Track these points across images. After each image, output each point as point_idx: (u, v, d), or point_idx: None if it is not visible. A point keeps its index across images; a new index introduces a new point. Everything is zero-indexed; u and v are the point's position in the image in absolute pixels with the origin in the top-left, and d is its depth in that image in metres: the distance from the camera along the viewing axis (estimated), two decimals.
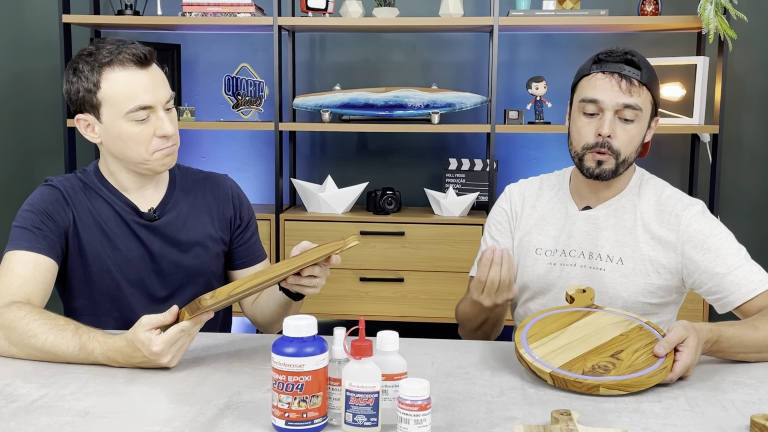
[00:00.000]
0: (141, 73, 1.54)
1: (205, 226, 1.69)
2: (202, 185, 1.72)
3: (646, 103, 1.59)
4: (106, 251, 1.60)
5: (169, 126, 1.56)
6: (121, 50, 1.53)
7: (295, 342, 1.09)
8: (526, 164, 3.35)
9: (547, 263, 1.68)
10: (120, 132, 1.54)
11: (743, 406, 1.24)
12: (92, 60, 1.53)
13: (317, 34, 3.37)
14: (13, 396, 1.25)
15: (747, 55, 3.21)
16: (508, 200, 1.79)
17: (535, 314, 1.46)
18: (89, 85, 1.53)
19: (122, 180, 1.63)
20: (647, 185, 1.68)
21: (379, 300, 3.02)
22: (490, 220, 1.81)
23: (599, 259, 1.64)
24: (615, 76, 1.57)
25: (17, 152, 3.48)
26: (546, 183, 1.78)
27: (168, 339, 1.30)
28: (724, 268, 1.56)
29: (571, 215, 1.69)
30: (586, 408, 1.22)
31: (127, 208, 1.62)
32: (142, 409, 1.20)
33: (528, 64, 3.30)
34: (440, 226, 2.99)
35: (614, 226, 1.65)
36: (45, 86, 3.42)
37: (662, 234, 1.62)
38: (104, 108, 1.54)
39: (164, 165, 1.59)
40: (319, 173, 3.40)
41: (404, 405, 1.07)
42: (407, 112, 3.04)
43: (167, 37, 3.36)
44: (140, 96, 1.53)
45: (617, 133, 1.58)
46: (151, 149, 1.56)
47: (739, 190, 3.28)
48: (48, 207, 1.57)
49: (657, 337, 1.37)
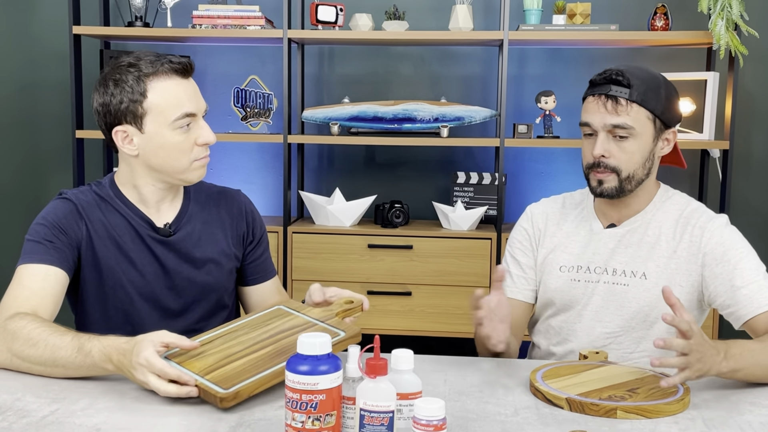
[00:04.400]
0: (184, 83, 1.56)
1: (218, 242, 1.68)
2: (216, 201, 1.72)
3: (640, 120, 1.58)
4: (120, 266, 1.59)
5: (210, 134, 1.58)
6: (162, 61, 1.54)
7: (309, 360, 1.08)
8: (534, 178, 3.34)
9: (570, 279, 1.69)
10: (164, 141, 1.54)
11: (761, 428, 1.22)
12: (136, 71, 1.53)
13: (326, 46, 3.37)
14: (23, 411, 1.24)
15: (757, 70, 3.20)
16: (529, 220, 1.79)
17: (547, 363, 1.49)
18: (135, 95, 1.53)
19: (144, 193, 1.61)
20: (671, 201, 1.69)
21: (386, 314, 3.00)
22: (512, 241, 1.81)
23: (623, 275, 1.65)
24: (602, 98, 1.59)
25: (26, 163, 3.48)
26: (569, 201, 1.79)
27: (157, 365, 1.26)
28: (740, 282, 1.56)
29: (596, 233, 1.70)
30: (602, 429, 1.21)
31: (143, 223, 1.62)
32: (153, 426, 1.19)
33: (537, 79, 3.30)
34: (448, 239, 2.98)
35: (638, 242, 1.66)
36: (55, 97, 3.42)
37: (685, 246, 1.62)
38: (149, 117, 1.54)
39: (200, 175, 1.61)
40: (327, 186, 3.40)
41: (419, 425, 1.06)
42: (416, 125, 3.04)
43: (177, 49, 3.37)
44: (185, 104, 1.54)
45: (613, 152, 1.60)
46: (191, 158, 1.57)
47: (749, 205, 3.26)
48: (61, 220, 1.57)
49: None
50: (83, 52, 3.17)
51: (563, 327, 1.70)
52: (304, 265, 3.01)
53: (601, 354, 1.50)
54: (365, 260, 2.97)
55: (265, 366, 1.31)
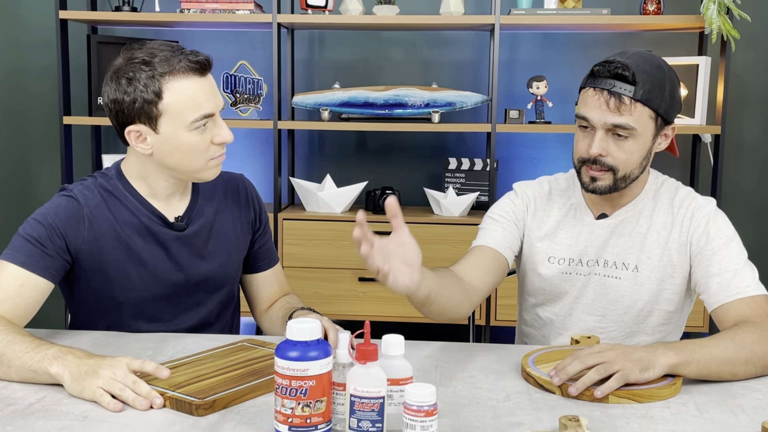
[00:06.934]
0: (202, 82, 1.47)
1: (228, 233, 1.64)
2: (222, 188, 1.67)
3: (643, 120, 1.49)
4: (130, 267, 1.54)
5: (228, 133, 1.51)
6: (179, 57, 1.45)
7: (298, 346, 1.07)
8: (526, 164, 3.33)
9: (560, 272, 1.64)
10: (180, 143, 1.47)
11: (753, 412, 1.22)
12: (149, 69, 1.44)
13: (316, 31, 3.34)
14: (9, 399, 1.23)
15: (750, 55, 3.19)
16: (520, 197, 1.69)
17: (539, 348, 1.46)
18: (149, 95, 1.44)
19: (156, 187, 1.55)
20: (662, 188, 1.64)
21: (377, 300, 2.99)
22: (495, 209, 1.69)
23: (614, 267, 1.61)
24: (604, 94, 1.48)
25: (13, 151, 3.45)
26: (555, 187, 1.70)
27: (124, 378, 1.21)
28: (716, 269, 1.52)
29: (587, 224, 1.64)
30: (594, 414, 1.20)
31: (155, 218, 1.55)
32: (141, 414, 1.18)
33: (529, 64, 3.28)
34: (440, 226, 2.97)
35: (630, 233, 1.61)
36: (41, 84, 3.38)
37: (676, 237, 1.59)
38: (164, 119, 1.45)
39: (214, 174, 1.54)
40: (318, 172, 3.38)
41: (410, 411, 1.05)
42: (407, 110, 3.02)
43: (165, 34, 3.33)
44: (203, 105, 1.46)
45: (611, 150, 1.51)
46: (208, 157, 1.50)
47: (740, 191, 3.26)
48: (60, 222, 1.49)
49: None
50: (70, 37, 3.13)
51: (554, 320, 1.67)
52: (295, 252, 3.00)
53: (593, 339, 1.49)
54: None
55: (240, 382, 1.27)
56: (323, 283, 2.99)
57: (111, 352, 1.43)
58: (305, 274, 2.99)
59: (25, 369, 1.28)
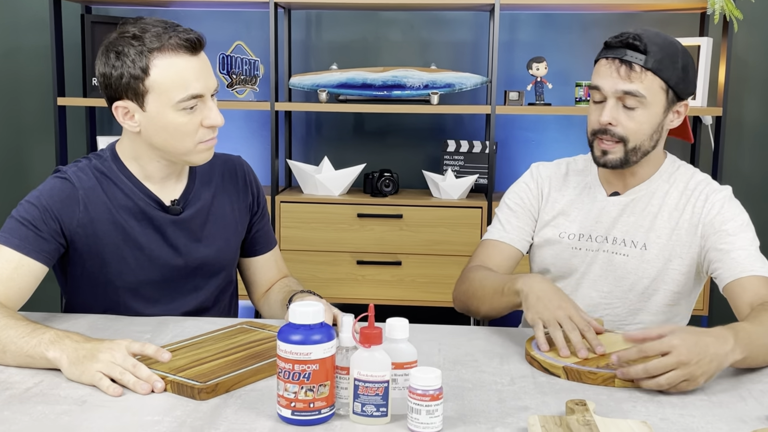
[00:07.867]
0: (192, 60, 1.43)
1: (226, 216, 1.62)
2: (219, 170, 1.64)
3: (653, 89, 1.52)
4: (126, 251, 1.51)
5: (217, 116, 1.47)
6: (170, 34, 1.41)
7: (301, 329, 1.05)
8: (525, 146, 3.30)
9: (571, 248, 1.66)
10: (166, 122, 1.44)
11: (761, 396, 1.21)
12: (139, 44, 1.41)
13: (314, 11, 3.30)
14: (6, 384, 1.21)
15: (752, 36, 3.16)
16: (534, 180, 1.74)
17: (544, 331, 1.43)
18: (136, 71, 1.41)
19: (149, 169, 1.52)
20: (678, 172, 1.65)
21: (376, 283, 2.98)
22: (511, 194, 1.74)
23: (623, 244, 1.62)
24: (616, 62, 1.52)
25: (6, 133, 3.40)
26: (572, 167, 1.73)
27: (124, 361, 1.19)
28: (730, 246, 1.52)
29: (600, 201, 1.66)
30: (600, 397, 1.19)
31: (150, 202, 1.53)
32: (140, 398, 1.16)
33: (529, 45, 3.24)
34: (439, 208, 2.95)
35: (641, 211, 1.62)
36: (34, 64, 3.34)
37: (687, 218, 1.59)
38: (151, 96, 1.43)
39: (205, 158, 1.51)
40: (315, 154, 3.35)
41: (415, 395, 1.03)
42: (406, 92, 2.99)
43: (160, 13, 3.29)
44: (192, 84, 1.42)
45: (621, 120, 1.54)
46: (196, 140, 1.47)
47: (741, 173, 3.25)
48: (55, 205, 1.46)
49: None
50: (63, 17, 3.08)
51: None
52: (292, 234, 2.97)
53: (597, 321, 1.48)
54: (354, 230, 2.94)
55: (242, 365, 1.25)
56: (321, 266, 2.97)
57: (108, 336, 1.41)
58: (303, 257, 2.97)
59: (21, 354, 1.26)
